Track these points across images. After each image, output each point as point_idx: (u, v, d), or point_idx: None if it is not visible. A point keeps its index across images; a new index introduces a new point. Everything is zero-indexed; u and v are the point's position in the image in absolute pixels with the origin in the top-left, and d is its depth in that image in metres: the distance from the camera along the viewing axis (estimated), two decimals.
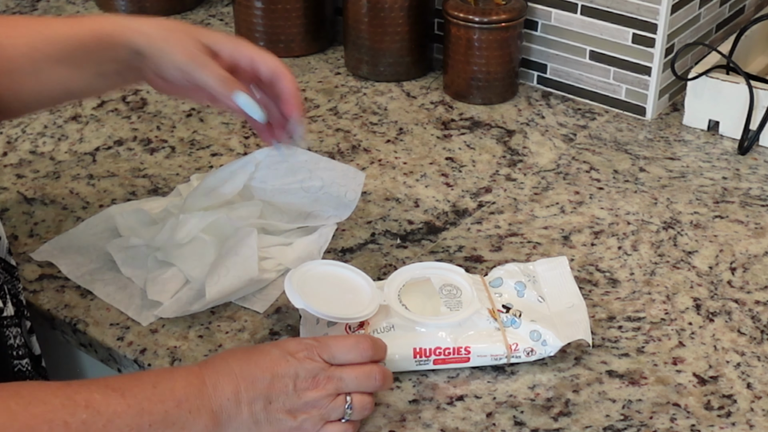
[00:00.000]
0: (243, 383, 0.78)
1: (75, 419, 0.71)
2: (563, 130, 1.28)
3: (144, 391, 0.75)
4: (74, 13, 1.59)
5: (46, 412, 0.70)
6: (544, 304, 0.93)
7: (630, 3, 1.24)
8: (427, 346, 0.88)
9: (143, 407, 0.74)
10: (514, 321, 0.90)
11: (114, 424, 0.72)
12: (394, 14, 1.35)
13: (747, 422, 0.86)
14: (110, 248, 1.03)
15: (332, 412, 0.81)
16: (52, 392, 0.72)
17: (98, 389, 0.73)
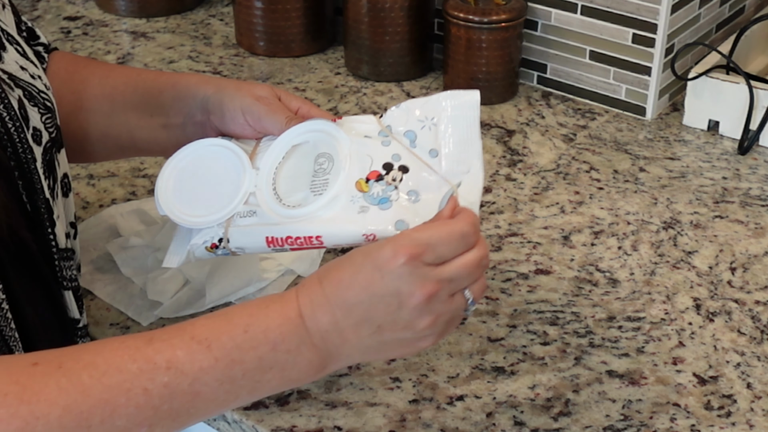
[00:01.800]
0: (340, 312, 0.70)
1: (156, 384, 0.66)
2: (563, 130, 1.28)
3: (233, 339, 0.68)
4: (74, 13, 1.59)
5: (123, 381, 0.65)
6: (436, 161, 0.80)
7: (630, 3, 1.24)
8: (279, 236, 0.80)
9: (233, 358, 0.68)
10: (385, 200, 0.78)
11: (201, 382, 0.67)
12: (394, 14, 1.35)
13: (747, 422, 0.86)
14: (110, 248, 1.03)
15: (455, 313, 0.72)
16: (130, 356, 0.66)
17: (182, 344, 0.67)
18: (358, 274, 0.71)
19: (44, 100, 0.82)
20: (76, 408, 0.64)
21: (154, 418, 0.67)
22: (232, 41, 1.50)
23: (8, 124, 0.76)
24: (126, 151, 0.97)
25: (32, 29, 0.95)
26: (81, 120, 0.93)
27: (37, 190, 0.78)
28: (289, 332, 0.70)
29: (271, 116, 0.85)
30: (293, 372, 0.71)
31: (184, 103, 0.90)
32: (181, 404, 0.67)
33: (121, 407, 0.65)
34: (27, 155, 0.78)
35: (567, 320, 0.96)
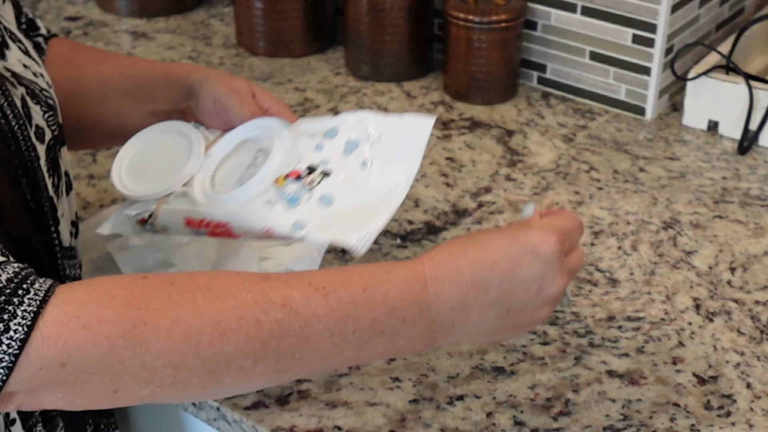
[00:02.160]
0: (474, 291, 0.69)
1: (269, 318, 0.65)
2: (563, 130, 1.28)
3: (351, 294, 0.67)
4: (74, 13, 1.59)
5: (236, 307, 0.64)
6: (364, 173, 0.82)
7: (630, 3, 1.24)
8: (195, 218, 0.83)
9: (348, 312, 0.67)
10: (294, 200, 0.80)
11: (312, 327, 0.66)
12: (394, 14, 1.35)
13: (747, 422, 0.86)
14: (110, 248, 1.03)
15: (558, 299, 0.73)
16: (246, 287, 0.65)
17: (299, 287, 0.66)
18: (506, 255, 0.70)
19: (47, 98, 0.82)
20: (186, 323, 0.63)
21: (261, 353, 0.65)
22: (232, 41, 1.50)
23: (12, 122, 0.76)
24: (115, 138, 0.97)
25: (32, 20, 0.96)
26: (75, 106, 0.94)
27: (41, 188, 0.78)
28: (410, 302, 0.69)
29: (236, 109, 0.88)
30: (402, 341, 0.69)
31: (173, 90, 0.92)
32: (289, 345, 0.66)
33: (232, 332, 0.64)
34: (30, 153, 0.78)
35: (567, 320, 0.97)
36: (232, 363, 0.65)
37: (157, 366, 0.63)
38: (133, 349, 0.62)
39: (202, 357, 0.64)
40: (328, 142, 0.84)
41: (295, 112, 1.32)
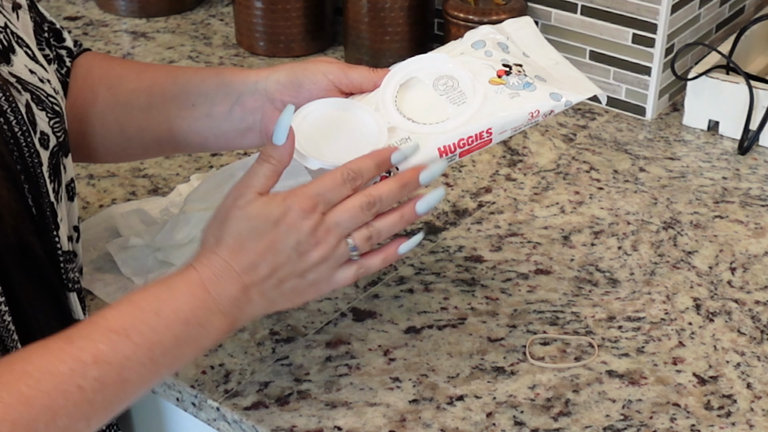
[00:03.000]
0: (246, 277, 0.76)
1: (87, 380, 0.70)
2: (563, 130, 1.28)
3: (147, 323, 0.73)
4: (74, 13, 1.59)
5: (57, 384, 0.69)
6: (531, 60, 0.89)
7: (630, 3, 1.24)
8: (450, 142, 0.84)
9: (152, 341, 0.72)
10: (528, 84, 0.85)
11: (127, 368, 0.71)
12: (394, 14, 1.35)
13: (747, 422, 0.86)
14: (110, 248, 1.03)
15: (340, 258, 0.79)
16: (58, 359, 0.70)
17: (101, 338, 0.71)
18: (260, 235, 0.76)
19: (52, 105, 0.82)
20: (22, 420, 0.67)
21: (90, 411, 0.70)
22: (232, 41, 1.50)
23: (15, 128, 0.76)
24: (164, 144, 0.95)
25: (59, 30, 0.95)
26: (117, 115, 0.93)
27: (42, 193, 0.78)
28: (198, 308, 0.75)
29: (355, 69, 0.87)
30: (205, 341, 0.76)
31: (229, 88, 0.90)
32: (113, 393, 0.71)
33: (61, 408, 0.69)
34: (34, 159, 0.78)
35: (567, 320, 0.96)
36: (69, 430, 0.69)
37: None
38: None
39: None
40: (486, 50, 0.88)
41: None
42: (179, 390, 0.90)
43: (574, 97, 0.86)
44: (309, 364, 0.92)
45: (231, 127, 0.90)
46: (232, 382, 0.90)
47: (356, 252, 0.79)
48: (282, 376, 0.90)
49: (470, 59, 0.88)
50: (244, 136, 0.91)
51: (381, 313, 0.97)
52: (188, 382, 0.90)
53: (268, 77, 0.88)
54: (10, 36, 0.82)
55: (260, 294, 0.77)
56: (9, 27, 0.83)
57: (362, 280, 1.01)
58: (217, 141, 0.92)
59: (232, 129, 0.90)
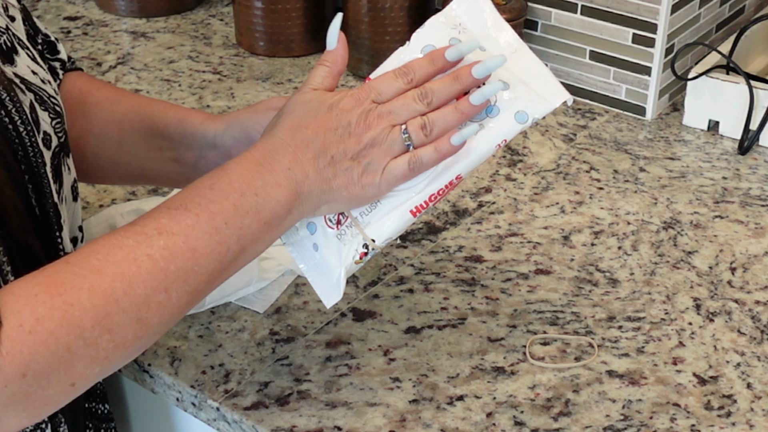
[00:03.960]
0: (297, 150, 0.77)
1: (155, 248, 0.71)
2: (563, 130, 1.28)
3: (204, 196, 0.75)
4: (74, 13, 1.59)
5: (126, 254, 0.70)
6: (487, 54, 0.82)
7: (630, 3, 1.24)
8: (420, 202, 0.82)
9: (211, 210, 0.74)
10: (491, 108, 0.81)
11: (192, 237, 0.73)
12: (394, 14, 1.35)
13: (747, 422, 0.86)
14: None
15: (393, 145, 0.79)
16: (123, 234, 0.72)
17: (162, 214, 0.74)
18: (316, 115, 0.78)
19: (54, 105, 0.82)
20: (99, 287, 0.69)
21: (167, 281, 0.72)
22: (232, 41, 1.50)
23: (20, 128, 0.76)
24: (137, 179, 0.97)
25: (53, 43, 0.95)
26: (91, 144, 0.93)
27: (46, 194, 0.79)
28: (252, 179, 0.76)
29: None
30: (266, 213, 0.76)
31: (192, 140, 0.91)
32: (184, 261, 0.72)
33: (135, 276, 0.70)
34: (38, 160, 0.78)
35: (567, 320, 0.96)
36: (151, 302, 0.71)
37: (96, 337, 0.68)
38: (73, 333, 0.67)
39: (126, 309, 0.70)
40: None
41: None
42: (179, 390, 0.90)
43: (540, 110, 0.81)
44: (309, 364, 0.92)
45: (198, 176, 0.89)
46: (232, 382, 0.90)
47: (409, 139, 0.79)
48: (282, 376, 0.90)
49: None
50: None
51: (381, 313, 0.97)
52: (188, 382, 0.90)
53: (225, 132, 0.89)
54: (12, 37, 0.82)
55: (315, 170, 0.78)
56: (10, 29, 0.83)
57: (362, 280, 1.01)
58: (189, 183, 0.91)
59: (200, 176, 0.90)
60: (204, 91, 1.37)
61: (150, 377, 0.92)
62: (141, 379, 0.94)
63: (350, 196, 0.80)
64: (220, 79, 1.40)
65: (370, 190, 0.80)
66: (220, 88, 1.38)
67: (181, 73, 1.42)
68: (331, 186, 0.79)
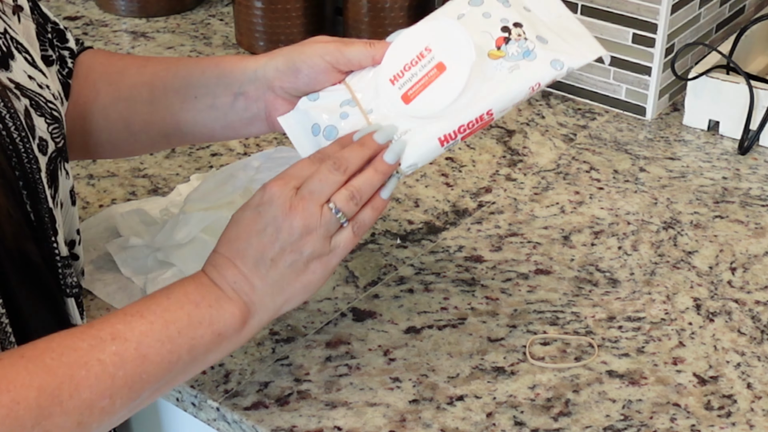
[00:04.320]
0: (237, 261, 0.78)
1: (107, 354, 0.72)
2: (563, 130, 1.28)
3: (160, 305, 0.76)
4: (74, 13, 1.59)
5: (78, 357, 0.71)
6: (532, 14, 0.85)
7: (630, 3, 1.24)
8: (450, 130, 0.82)
9: (165, 318, 0.75)
10: (528, 52, 0.82)
11: (144, 344, 0.73)
12: (394, 14, 1.35)
13: (747, 422, 0.86)
14: (110, 248, 1.03)
15: (328, 226, 0.79)
16: (79, 337, 0.72)
17: (118, 320, 0.74)
18: (240, 223, 0.79)
19: (51, 110, 0.82)
20: (47, 387, 0.69)
21: (113, 387, 0.72)
22: (232, 41, 1.50)
23: (14, 134, 0.76)
24: (171, 137, 0.95)
25: (62, 31, 0.95)
26: (121, 109, 0.93)
27: (41, 199, 0.78)
28: (206, 291, 0.78)
29: (351, 46, 0.86)
30: (220, 325, 0.77)
31: (230, 79, 0.90)
32: (133, 368, 0.73)
33: (83, 379, 0.71)
34: (32, 165, 0.78)
35: (567, 320, 0.96)
36: (94, 407, 0.71)
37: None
38: (13, 430, 0.67)
39: (68, 412, 0.70)
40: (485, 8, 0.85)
41: None
42: (179, 390, 0.90)
43: (576, 62, 0.83)
44: (309, 364, 0.92)
45: (236, 117, 0.91)
46: (232, 382, 0.90)
47: (341, 214, 0.79)
48: (282, 376, 0.90)
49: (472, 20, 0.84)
50: (251, 125, 0.91)
51: (381, 313, 0.97)
52: (188, 382, 0.90)
53: (267, 64, 0.88)
54: (9, 42, 0.82)
55: (260, 278, 0.78)
56: (8, 32, 0.82)
57: (362, 280, 1.01)
58: (224, 131, 0.92)
59: (237, 119, 0.91)
60: None
61: None
62: None
63: (303, 286, 0.80)
64: None
65: (321, 273, 0.80)
66: None
67: None
68: (282, 286, 0.79)
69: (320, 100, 0.85)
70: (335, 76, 0.86)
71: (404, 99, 0.82)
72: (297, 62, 0.86)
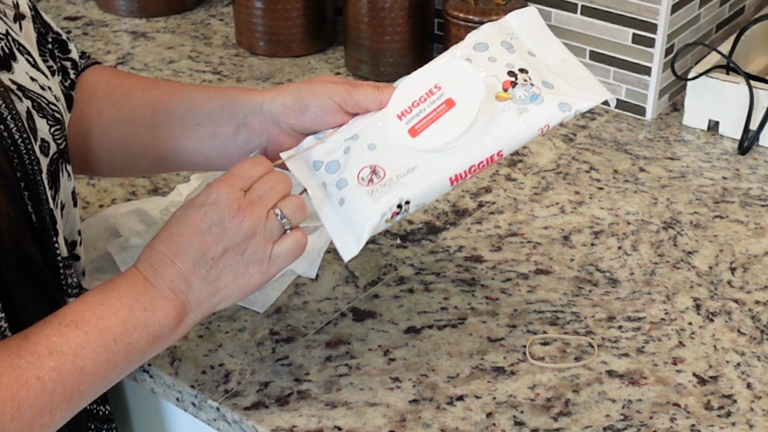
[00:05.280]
0: (176, 260, 0.78)
1: (45, 370, 0.72)
2: (563, 130, 1.28)
3: (94, 313, 0.75)
4: (74, 13, 1.59)
5: (18, 376, 0.71)
6: (537, 59, 0.87)
7: (630, 3, 1.24)
8: (460, 170, 0.82)
9: (100, 327, 0.74)
10: (535, 96, 0.83)
11: (81, 356, 0.73)
12: (394, 14, 1.35)
13: (747, 422, 0.86)
14: (110, 248, 1.03)
15: (272, 231, 0.79)
16: (16, 353, 0.72)
17: (53, 331, 0.74)
18: (184, 221, 0.78)
19: (53, 112, 0.82)
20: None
21: (53, 403, 0.72)
22: (232, 41, 1.50)
23: (15, 135, 0.76)
24: (168, 162, 0.96)
25: (65, 42, 0.95)
26: (123, 130, 0.93)
27: (42, 200, 0.78)
28: (139, 293, 0.77)
29: (359, 89, 0.86)
30: (155, 327, 0.77)
31: (235, 110, 0.90)
32: (71, 382, 0.73)
33: (24, 400, 0.70)
34: (34, 167, 0.78)
35: (567, 320, 0.96)
36: (34, 425, 0.72)
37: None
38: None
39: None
40: (490, 53, 0.85)
41: None
42: (179, 390, 0.90)
43: (583, 105, 0.83)
44: (309, 364, 0.92)
45: (236, 148, 0.90)
46: (232, 382, 0.90)
47: (286, 220, 0.79)
48: (282, 376, 0.90)
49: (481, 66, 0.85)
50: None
51: (381, 313, 0.97)
52: (188, 382, 0.90)
53: (274, 99, 0.88)
54: (11, 43, 0.82)
55: (199, 277, 0.78)
56: (10, 34, 0.82)
57: (362, 280, 1.01)
58: (222, 161, 0.92)
59: (237, 150, 0.90)
60: None
61: (150, 377, 0.92)
62: (141, 379, 0.94)
63: (240, 288, 0.80)
64: (220, 79, 1.40)
65: (258, 278, 0.80)
66: None
67: (181, 73, 1.42)
68: (219, 286, 0.79)
69: (324, 142, 0.85)
70: (341, 116, 0.86)
71: (411, 132, 0.83)
72: (306, 100, 0.86)
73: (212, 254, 0.78)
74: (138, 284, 0.77)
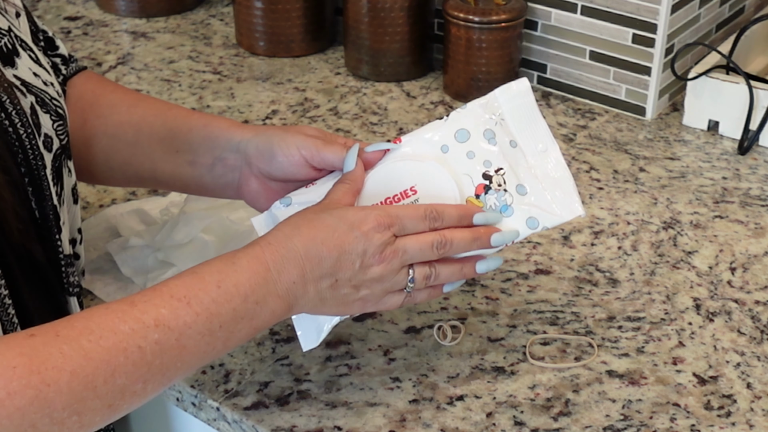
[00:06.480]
0: (309, 264, 0.77)
1: (148, 341, 0.70)
2: (563, 130, 1.28)
3: (209, 294, 0.74)
4: (74, 13, 1.59)
5: (118, 342, 0.69)
6: (518, 151, 0.86)
7: (630, 3, 1.24)
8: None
9: (211, 311, 0.74)
10: (506, 207, 0.84)
11: (186, 336, 0.72)
12: (394, 14, 1.35)
13: (747, 422, 0.86)
14: (110, 248, 1.03)
15: (396, 285, 0.81)
16: (120, 319, 0.70)
17: (164, 303, 0.72)
18: (334, 232, 0.78)
19: (56, 107, 0.82)
20: (82, 371, 0.68)
21: (149, 374, 0.71)
22: (232, 41, 1.50)
23: (20, 131, 0.76)
24: (145, 181, 0.96)
25: (51, 39, 0.95)
26: (104, 144, 0.93)
27: (46, 197, 0.78)
28: (258, 285, 0.76)
29: (329, 147, 0.86)
30: (258, 321, 0.77)
31: (214, 144, 0.90)
32: (170, 358, 0.72)
33: (121, 366, 0.69)
34: (38, 162, 0.78)
35: (567, 320, 0.96)
36: (126, 392, 0.70)
37: (64, 418, 0.67)
38: (42, 411, 0.66)
39: (101, 396, 0.69)
40: (469, 146, 0.85)
41: (295, 112, 1.32)
42: (179, 390, 0.90)
43: (551, 221, 0.85)
44: (309, 364, 0.92)
45: (211, 181, 0.91)
46: (232, 382, 0.90)
47: (413, 284, 0.81)
48: (282, 376, 0.90)
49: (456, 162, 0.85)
50: (223, 191, 0.92)
51: (381, 313, 0.97)
52: (188, 382, 0.90)
53: (250, 140, 0.89)
54: (14, 39, 0.82)
55: (316, 289, 0.78)
56: (13, 30, 0.83)
57: None
58: (198, 189, 0.93)
59: (211, 182, 0.91)
60: (204, 91, 1.37)
61: None
62: None
63: (336, 312, 0.82)
64: (220, 79, 1.40)
65: (357, 310, 0.82)
66: (220, 88, 1.38)
67: (181, 73, 1.42)
68: (324, 304, 0.80)
69: (291, 207, 0.85)
70: (308, 171, 0.87)
71: None
72: (275, 148, 0.87)
73: (339, 276, 0.78)
74: (260, 274, 0.76)
